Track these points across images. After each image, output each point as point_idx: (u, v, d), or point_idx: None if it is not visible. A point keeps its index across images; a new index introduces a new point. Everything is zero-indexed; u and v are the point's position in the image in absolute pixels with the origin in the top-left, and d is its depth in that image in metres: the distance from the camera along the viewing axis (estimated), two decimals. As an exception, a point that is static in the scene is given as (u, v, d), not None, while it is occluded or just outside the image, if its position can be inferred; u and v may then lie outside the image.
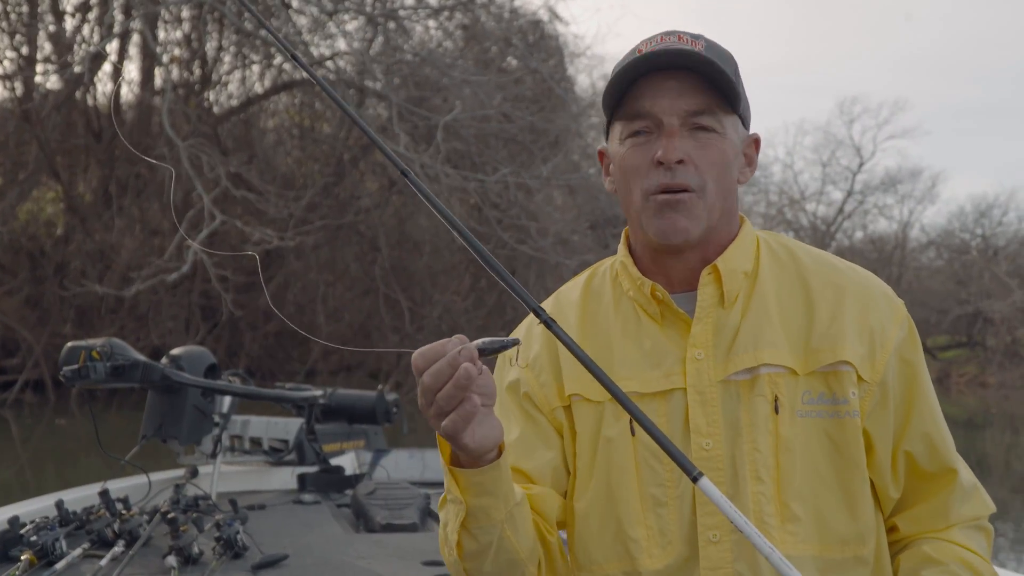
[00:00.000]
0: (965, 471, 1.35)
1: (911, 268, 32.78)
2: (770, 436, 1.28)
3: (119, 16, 13.84)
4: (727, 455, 1.29)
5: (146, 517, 2.70)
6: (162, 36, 15.43)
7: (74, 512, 2.68)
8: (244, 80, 17.49)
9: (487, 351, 1.12)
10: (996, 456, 13.80)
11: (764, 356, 1.29)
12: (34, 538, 2.31)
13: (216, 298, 13.70)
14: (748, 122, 1.38)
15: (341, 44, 15.15)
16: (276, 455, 3.73)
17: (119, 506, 2.76)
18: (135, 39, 15.95)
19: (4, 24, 15.14)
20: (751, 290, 1.35)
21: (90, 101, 16.21)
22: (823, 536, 1.28)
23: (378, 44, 15.40)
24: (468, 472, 1.18)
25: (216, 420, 3.36)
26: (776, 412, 1.28)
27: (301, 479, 3.54)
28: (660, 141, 1.29)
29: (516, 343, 1.15)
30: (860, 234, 34.49)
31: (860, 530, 1.29)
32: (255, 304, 15.67)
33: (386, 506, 3.01)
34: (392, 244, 17.16)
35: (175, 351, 3.37)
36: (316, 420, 3.76)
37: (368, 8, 14.37)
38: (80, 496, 2.94)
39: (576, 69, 18.56)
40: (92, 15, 15.14)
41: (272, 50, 15.17)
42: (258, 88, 17.60)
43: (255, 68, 17.08)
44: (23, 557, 2.25)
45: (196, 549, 2.38)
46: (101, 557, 2.35)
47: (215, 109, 17.53)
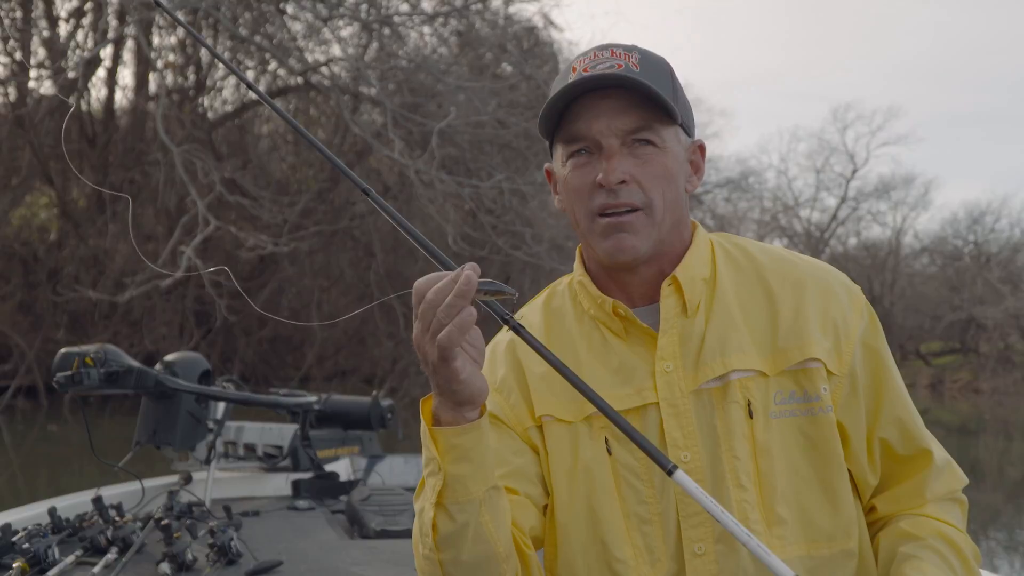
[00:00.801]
0: (938, 449, 1.37)
1: (904, 274, 32.95)
2: (747, 441, 1.29)
3: (113, 22, 13.83)
4: (707, 465, 1.29)
5: (140, 524, 2.69)
6: (156, 42, 15.45)
7: (67, 519, 2.67)
8: (238, 86, 17.46)
9: (484, 290, 1.11)
10: (989, 462, 13.83)
11: (733, 362, 1.30)
12: (26, 545, 2.30)
13: (210, 303, 13.68)
14: (691, 129, 1.37)
15: (336, 50, 15.16)
16: (270, 461, 3.72)
17: (112, 513, 2.74)
18: (129, 44, 15.96)
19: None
20: (711, 296, 1.35)
21: (83, 106, 16.20)
22: (810, 535, 1.29)
23: (373, 50, 15.44)
24: (448, 431, 1.16)
25: (210, 426, 3.36)
26: (751, 416, 1.29)
27: (295, 485, 3.53)
28: (600, 163, 1.29)
29: (513, 293, 1.13)
30: (854, 240, 34.71)
31: (844, 524, 1.30)
32: (249, 309, 15.65)
33: (381, 512, 3.00)
34: (387, 250, 17.15)
35: (169, 357, 3.37)
36: (310, 426, 3.76)
37: (363, 14, 14.37)
38: (73, 503, 2.93)
39: (570, 75, 18.56)
40: (86, 20, 15.12)
41: (267, 56, 15.18)
42: (252, 94, 17.60)
43: (249, 74, 17.07)
44: (15, 565, 2.23)
45: (190, 556, 2.38)
46: (94, 564, 2.34)
47: (209, 115, 17.56)
